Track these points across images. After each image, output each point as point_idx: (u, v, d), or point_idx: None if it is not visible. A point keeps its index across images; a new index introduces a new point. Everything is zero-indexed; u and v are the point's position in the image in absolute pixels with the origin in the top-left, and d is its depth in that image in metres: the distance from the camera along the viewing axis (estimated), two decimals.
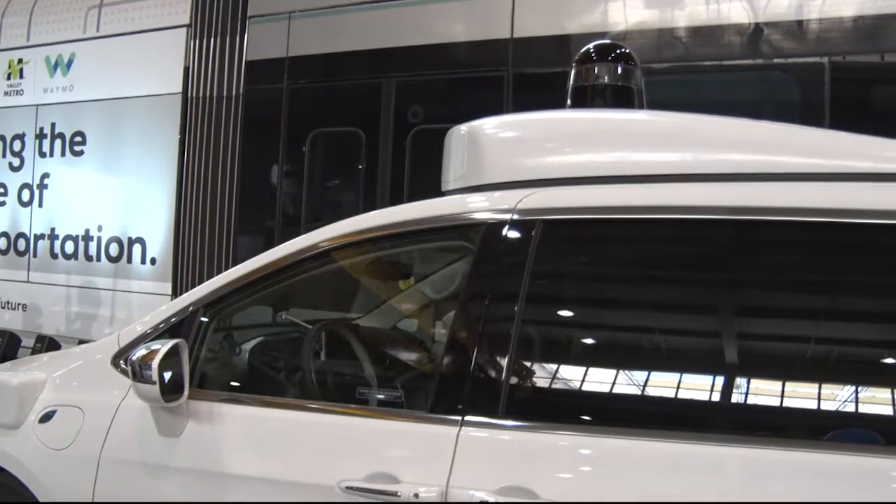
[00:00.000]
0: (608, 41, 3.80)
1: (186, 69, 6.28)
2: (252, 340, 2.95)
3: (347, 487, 2.08)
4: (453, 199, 2.48)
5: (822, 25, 4.48)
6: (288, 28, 5.88)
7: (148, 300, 6.20)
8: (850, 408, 1.90)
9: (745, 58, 4.64)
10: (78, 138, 6.82)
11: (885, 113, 4.55)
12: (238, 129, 6.06)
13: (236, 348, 2.86)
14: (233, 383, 2.82)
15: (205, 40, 6.22)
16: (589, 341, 2.29)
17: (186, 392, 2.39)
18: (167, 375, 2.34)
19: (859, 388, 1.92)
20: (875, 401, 1.95)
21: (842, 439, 1.86)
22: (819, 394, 1.96)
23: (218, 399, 2.43)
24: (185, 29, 6.31)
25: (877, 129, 2.38)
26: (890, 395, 1.92)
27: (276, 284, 2.56)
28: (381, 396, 2.66)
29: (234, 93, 6.09)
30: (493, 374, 2.12)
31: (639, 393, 2.08)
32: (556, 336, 2.29)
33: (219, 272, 2.71)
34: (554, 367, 2.21)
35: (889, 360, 1.99)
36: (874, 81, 4.57)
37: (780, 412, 1.95)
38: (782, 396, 1.97)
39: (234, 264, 2.63)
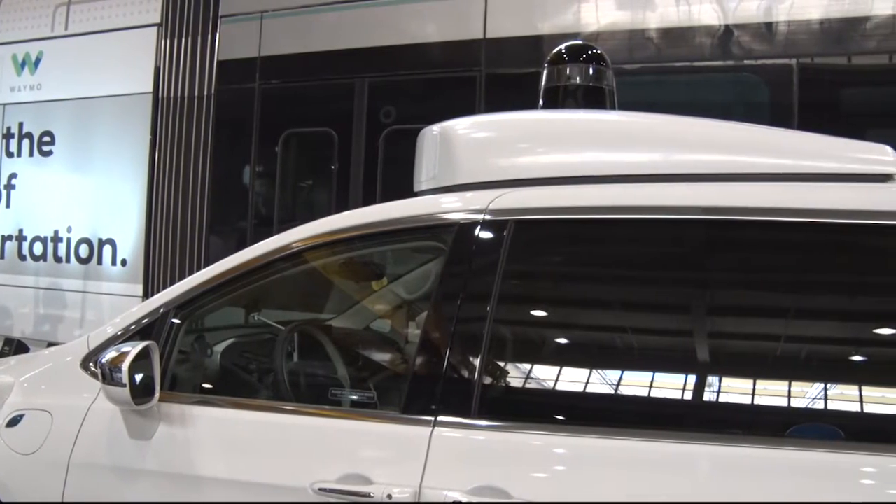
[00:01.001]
0: (580, 42, 3.82)
1: (157, 69, 6.24)
2: (224, 342, 2.93)
3: (320, 489, 2.07)
4: (425, 199, 2.48)
5: (791, 28, 4.54)
6: (260, 27, 5.86)
7: (119, 302, 6.15)
8: (820, 405, 1.93)
9: (716, 59, 4.69)
10: (46, 138, 6.75)
11: (852, 114, 4.62)
12: (209, 130, 6.04)
13: (208, 350, 2.84)
14: (204, 385, 2.80)
15: (176, 39, 6.17)
16: (561, 341, 2.30)
17: (157, 394, 2.36)
18: (138, 378, 2.31)
19: (828, 385, 1.94)
20: (843, 397, 1.97)
21: (805, 435, 1.88)
22: (790, 391, 1.98)
23: (189, 401, 2.41)
24: (155, 28, 6.26)
25: (844, 130, 2.43)
26: (857, 392, 1.95)
27: (249, 285, 2.54)
28: (354, 397, 2.65)
29: (205, 93, 6.06)
30: (465, 374, 2.12)
31: (612, 392, 2.09)
32: (528, 336, 2.30)
33: (190, 273, 2.69)
34: (526, 366, 2.21)
35: (856, 358, 2.02)
36: (841, 83, 4.64)
37: (754, 410, 1.97)
38: (754, 394, 1.99)
39: (206, 265, 2.61)
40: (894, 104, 4.61)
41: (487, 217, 2.21)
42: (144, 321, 2.56)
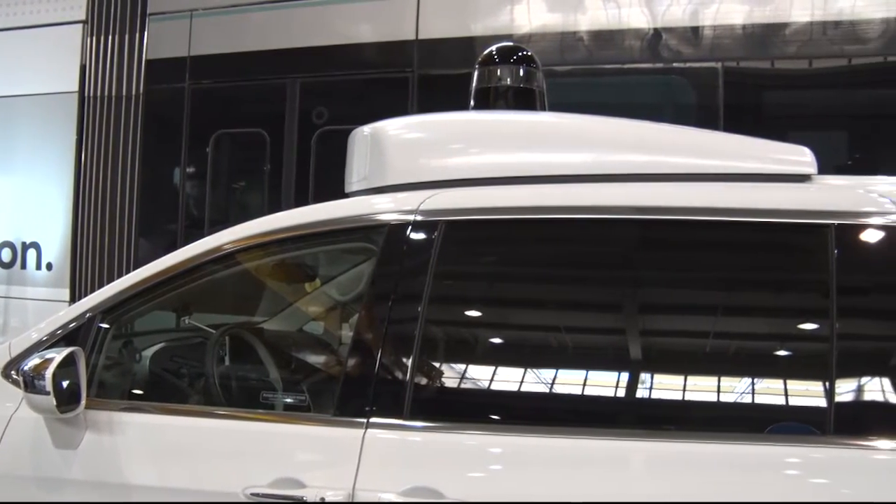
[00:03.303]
0: (511, 44, 3.86)
1: (83, 67, 6.09)
2: (153, 346, 2.88)
3: (253, 494, 2.05)
4: (356, 200, 2.48)
5: (716, 32, 4.67)
6: (190, 26, 5.78)
7: (44, 307, 5.98)
8: (747, 399, 1.98)
9: (644, 61, 4.79)
10: None
11: (774, 116, 4.77)
12: (138, 130, 5.93)
13: (137, 355, 2.79)
14: (133, 391, 2.75)
15: (102, 37, 6.05)
16: (494, 341, 2.32)
17: (83, 402, 2.31)
18: (63, 385, 2.26)
19: (755, 380, 2.00)
20: (770, 391, 2.04)
21: (733, 428, 1.94)
22: (718, 387, 2.04)
23: (117, 408, 2.36)
24: (80, 25, 6.12)
25: (766, 132, 2.50)
26: (780, 385, 2.02)
27: (179, 288, 2.50)
28: (287, 400, 2.64)
29: (133, 92, 5.96)
30: (397, 375, 2.12)
31: (546, 391, 2.12)
32: (460, 336, 2.31)
33: (119, 277, 2.63)
34: (459, 367, 2.23)
35: (781, 353, 2.08)
36: (765, 86, 4.78)
37: (681, 406, 2.02)
38: (684, 390, 2.04)
39: (136, 269, 2.56)
40: (813, 107, 4.79)
41: (418, 218, 2.21)
42: (70, 326, 2.50)
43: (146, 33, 5.93)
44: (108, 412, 2.34)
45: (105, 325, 2.50)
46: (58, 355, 2.27)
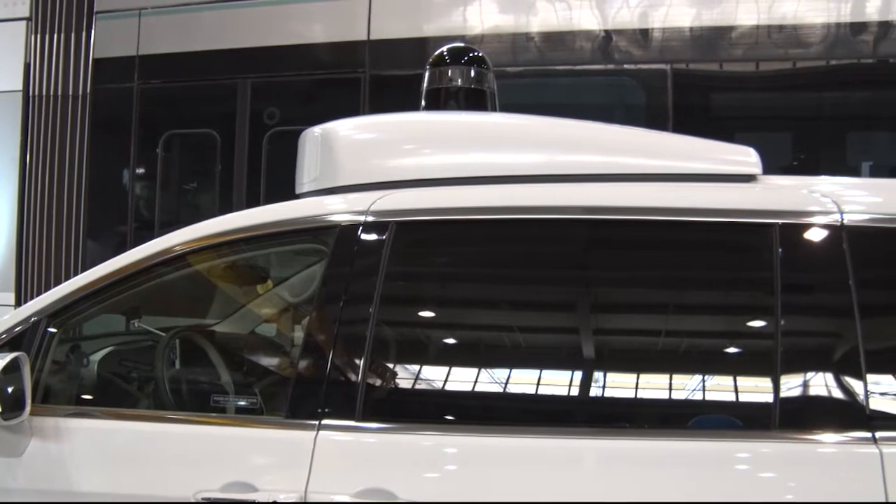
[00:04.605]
0: (462, 44, 3.87)
1: (27, 65, 5.97)
2: (102, 350, 2.83)
3: (204, 498, 2.03)
4: (307, 201, 2.46)
5: (665, 35, 4.74)
6: (138, 25, 5.71)
7: None
8: (699, 396, 2.02)
9: (595, 63, 4.85)
10: None
11: (723, 117, 4.87)
12: (85, 130, 5.84)
13: (84, 359, 2.74)
14: (81, 396, 2.70)
15: (47, 35, 5.95)
16: (445, 341, 2.32)
17: (28, 408, 2.26)
18: (7, 391, 2.21)
19: (704, 377, 2.04)
20: (718, 388, 2.07)
21: (688, 425, 1.98)
22: (670, 384, 2.07)
23: (64, 414, 2.32)
24: (24, 22, 6.00)
25: (714, 132, 2.55)
26: (730, 382, 2.05)
27: (128, 291, 2.46)
28: (239, 403, 2.61)
29: (80, 92, 5.87)
30: (349, 376, 2.12)
31: (499, 391, 2.13)
32: (412, 337, 2.32)
33: (66, 280, 2.59)
34: (412, 367, 2.23)
35: (728, 350, 2.12)
36: (712, 87, 4.87)
37: (632, 404, 2.05)
38: (636, 388, 2.07)
39: (83, 272, 2.52)
40: (759, 108, 4.89)
41: (369, 219, 2.21)
42: (15, 330, 2.44)
43: (93, 31, 5.84)
44: (55, 418, 2.29)
45: (51, 330, 2.45)
46: (1, 361, 2.22)
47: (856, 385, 1.86)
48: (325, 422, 2.04)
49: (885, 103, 4.72)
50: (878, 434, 1.81)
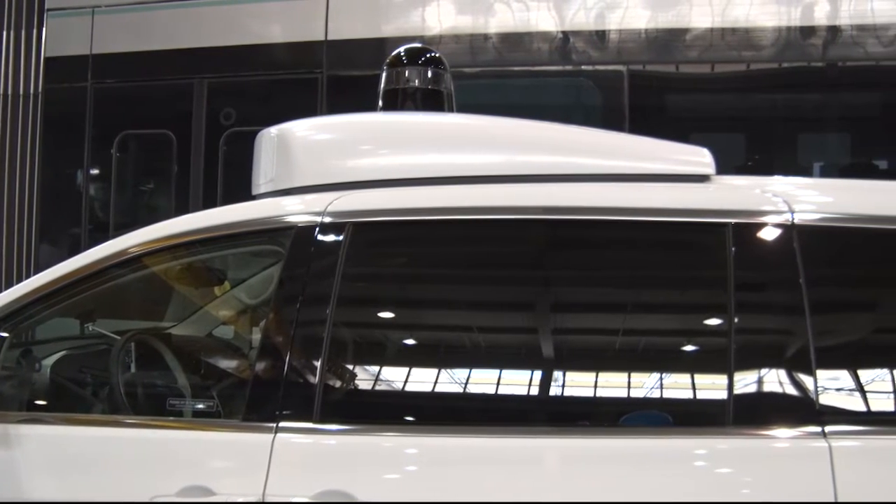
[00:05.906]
0: (419, 45, 3.88)
1: None
2: (55, 355, 2.78)
3: (160, 503, 2.01)
4: (263, 202, 2.45)
5: (622, 36, 4.80)
6: (92, 23, 5.62)
7: None
8: (655, 394, 2.05)
9: (552, 64, 4.89)
10: None
11: (678, 118, 4.93)
12: (37, 130, 5.75)
13: (36, 364, 2.69)
14: (34, 402, 2.65)
15: None
16: (403, 342, 2.33)
17: None
18: None
19: (660, 375, 2.07)
20: (673, 385, 2.10)
21: (638, 423, 2.00)
22: (628, 382, 2.09)
23: (15, 420, 2.27)
24: None
25: (670, 133, 2.58)
26: (686, 380, 2.09)
27: (82, 294, 2.42)
28: (196, 407, 2.58)
29: (31, 91, 5.80)
30: (307, 378, 2.10)
31: (458, 391, 2.14)
32: (370, 338, 2.31)
33: (18, 283, 2.54)
34: (370, 368, 2.23)
35: (683, 348, 2.15)
36: (668, 89, 4.94)
37: (591, 402, 2.07)
38: (596, 387, 2.09)
39: (36, 274, 2.47)
40: (714, 109, 4.97)
41: (325, 220, 2.20)
42: None
43: (44, 29, 5.74)
44: (5, 425, 2.25)
45: (2, 334, 2.41)
46: None
47: (807, 381, 1.89)
48: (282, 424, 2.03)
49: (835, 105, 4.83)
50: (828, 429, 1.84)
